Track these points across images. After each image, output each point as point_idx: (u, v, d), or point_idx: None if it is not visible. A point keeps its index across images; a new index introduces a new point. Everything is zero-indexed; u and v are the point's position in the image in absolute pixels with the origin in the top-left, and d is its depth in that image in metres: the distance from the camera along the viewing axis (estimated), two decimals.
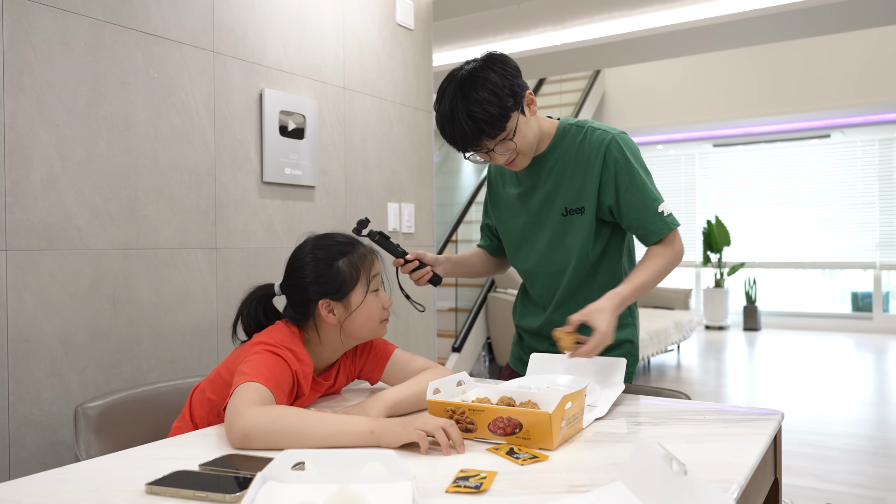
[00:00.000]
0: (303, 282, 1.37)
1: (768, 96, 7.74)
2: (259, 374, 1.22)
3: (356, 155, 2.61)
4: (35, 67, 1.64)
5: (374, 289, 1.40)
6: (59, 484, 0.96)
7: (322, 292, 1.36)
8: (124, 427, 1.48)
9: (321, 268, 1.37)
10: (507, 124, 1.44)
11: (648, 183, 1.53)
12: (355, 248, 1.41)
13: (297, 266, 1.40)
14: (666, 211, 1.52)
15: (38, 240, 1.65)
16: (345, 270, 1.37)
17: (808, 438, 3.87)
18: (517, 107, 1.45)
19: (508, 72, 1.44)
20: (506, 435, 1.12)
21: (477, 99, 1.41)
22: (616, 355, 1.59)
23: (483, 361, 5.89)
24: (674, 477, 0.76)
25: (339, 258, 1.38)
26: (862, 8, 4.33)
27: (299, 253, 1.42)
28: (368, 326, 1.40)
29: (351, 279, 1.37)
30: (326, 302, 1.36)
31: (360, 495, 0.82)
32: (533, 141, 1.53)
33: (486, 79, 1.42)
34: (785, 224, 8.96)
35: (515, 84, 1.45)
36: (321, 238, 1.43)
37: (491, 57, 1.46)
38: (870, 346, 7.43)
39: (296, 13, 2.35)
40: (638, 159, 1.55)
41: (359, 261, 1.39)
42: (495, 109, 1.41)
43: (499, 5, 4.40)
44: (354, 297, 1.37)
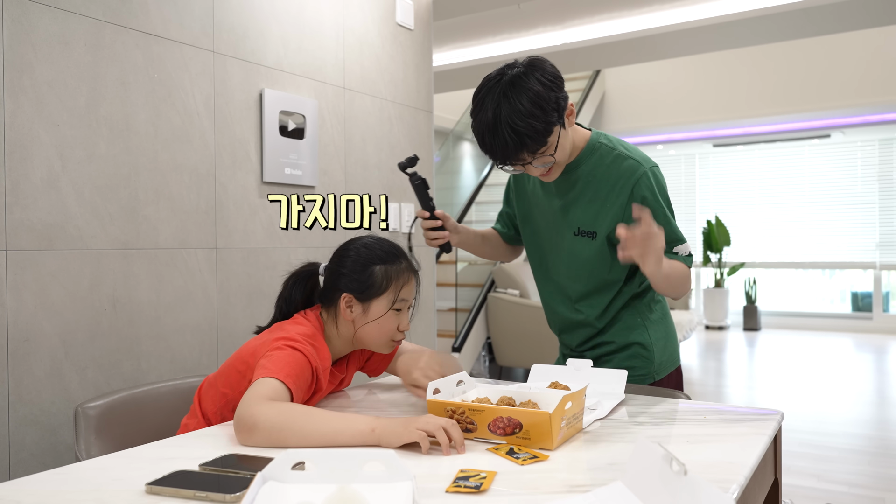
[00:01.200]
0: (339, 269, 1.41)
1: (768, 96, 7.74)
2: (279, 369, 1.23)
3: (356, 155, 2.61)
4: (35, 67, 1.64)
5: (398, 307, 1.41)
6: (59, 484, 0.96)
7: (349, 286, 1.39)
8: (124, 427, 1.48)
9: (360, 264, 1.39)
10: (549, 139, 1.38)
11: (672, 223, 1.50)
12: (398, 261, 1.42)
13: (342, 253, 1.44)
14: (683, 252, 1.50)
15: (38, 240, 1.65)
16: (378, 276, 1.39)
17: (808, 438, 3.87)
18: (560, 120, 1.39)
19: (553, 81, 1.37)
20: (506, 435, 1.12)
21: (521, 111, 1.33)
22: (624, 356, 1.59)
23: (483, 361, 5.89)
24: (674, 477, 0.76)
25: (379, 263, 1.39)
26: (862, 8, 4.33)
27: (351, 243, 1.45)
28: (378, 339, 1.41)
29: (380, 287, 1.38)
30: (349, 297, 1.38)
31: (360, 495, 0.82)
32: (569, 153, 1.49)
33: (531, 89, 1.34)
34: (785, 224, 8.96)
35: (560, 96, 1.38)
36: (376, 239, 1.45)
37: (533, 64, 1.38)
38: (870, 346, 7.43)
39: (296, 13, 2.35)
40: (665, 197, 1.51)
41: (395, 274, 1.40)
42: (540, 124, 1.34)
43: (499, 5, 4.40)
44: (376, 305, 1.39)
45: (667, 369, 1.63)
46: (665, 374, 1.63)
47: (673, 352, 1.65)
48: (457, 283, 5.92)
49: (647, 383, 1.60)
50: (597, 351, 1.64)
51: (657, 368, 1.61)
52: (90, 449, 1.40)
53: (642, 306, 1.61)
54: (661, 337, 1.62)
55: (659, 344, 1.61)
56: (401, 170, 1.58)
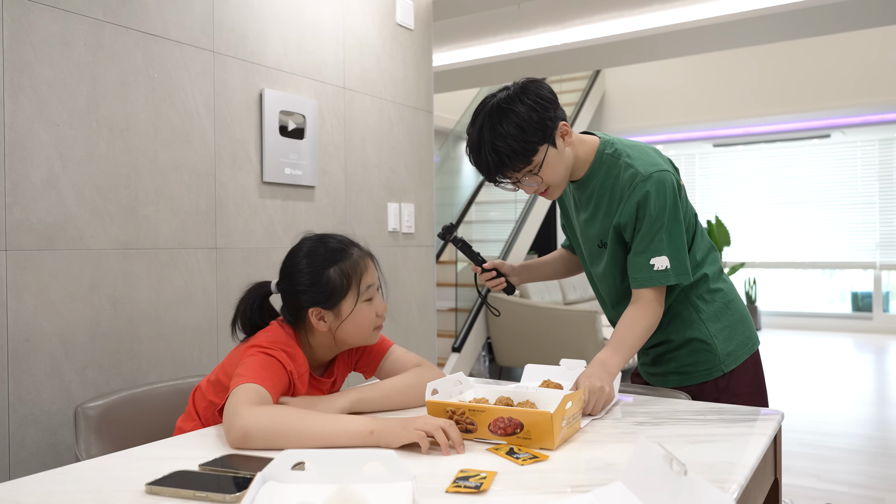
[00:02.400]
0: (295, 288, 1.36)
1: (768, 96, 7.73)
2: (255, 374, 1.22)
3: (356, 155, 2.61)
4: (35, 67, 1.64)
5: (367, 297, 1.37)
6: (59, 484, 0.96)
7: (313, 301, 1.34)
8: (124, 427, 1.48)
9: (313, 275, 1.34)
10: (533, 158, 1.43)
11: (662, 233, 1.46)
12: (348, 254, 1.37)
13: (290, 271, 1.38)
14: (659, 265, 1.46)
15: (38, 240, 1.65)
16: (335, 279, 1.34)
17: (808, 438, 3.87)
18: (546, 140, 1.43)
19: (540, 103, 1.41)
20: (506, 435, 1.12)
21: (502, 133, 1.40)
22: (686, 352, 1.59)
23: (483, 361, 5.88)
24: (674, 477, 0.76)
25: (331, 266, 1.35)
26: (862, 8, 4.32)
27: (293, 257, 1.39)
28: (359, 335, 1.38)
29: (342, 288, 1.34)
30: (317, 310, 1.34)
31: (360, 495, 0.82)
32: (564, 173, 1.50)
33: (515, 112, 1.40)
34: (785, 224, 8.96)
35: (546, 117, 1.42)
36: (316, 242, 1.40)
37: (525, 87, 1.43)
38: (870, 346, 7.43)
39: (296, 13, 2.35)
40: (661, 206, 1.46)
41: (350, 269, 1.36)
42: (519, 145, 1.40)
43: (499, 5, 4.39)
44: (345, 305, 1.35)
45: (738, 359, 1.58)
46: (737, 363, 1.58)
47: (743, 340, 1.60)
48: (457, 283, 5.92)
49: (715, 377, 1.57)
50: (658, 349, 1.64)
51: (724, 360, 1.57)
52: (90, 449, 1.40)
53: (696, 300, 1.58)
54: (724, 327, 1.58)
55: (721, 335, 1.57)
56: (442, 240, 1.69)
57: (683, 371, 1.60)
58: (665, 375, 1.64)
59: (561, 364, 1.52)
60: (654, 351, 1.65)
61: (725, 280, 1.65)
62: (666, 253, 1.46)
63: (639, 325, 1.48)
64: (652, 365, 1.68)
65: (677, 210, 1.48)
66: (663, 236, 1.46)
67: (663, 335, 1.61)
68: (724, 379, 1.57)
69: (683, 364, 1.59)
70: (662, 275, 1.46)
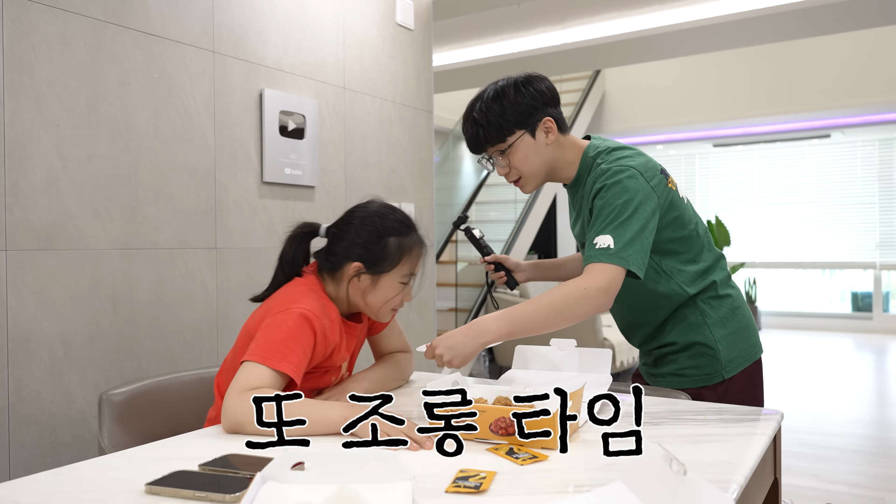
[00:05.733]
0: (351, 238, 1.38)
1: (768, 96, 7.74)
2: (270, 352, 1.23)
3: (356, 155, 2.61)
4: (35, 67, 1.64)
5: (404, 280, 1.40)
6: (58, 484, 0.96)
7: (362, 256, 1.37)
8: (148, 415, 1.47)
9: (373, 235, 1.37)
10: (507, 138, 1.48)
11: (609, 217, 1.41)
12: (411, 233, 1.41)
13: (352, 221, 1.40)
14: (601, 244, 1.39)
15: (38, 240, 1.65)
16: (392, 249, 1.37)
17: (808, 438, 3.87)
18: (524, 126, 1.48)
19: (532, 94, 1.47)
20: (507, 435, 1.12)
21: (486, 108, 1.48)
22: (688, 356, 1.57)
23: (483, 361, 5.89)
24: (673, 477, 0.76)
25: (394, 235, 1.38)
26: (861, 8, 4.32)
27: (362, 210, 1.42)
28: (381, 309, 1.41)
29: (393, 260, 1.37)
30: (359, 266, 1.37)
31: (360, 495, 0.81)
32: (538, 167, 1.52)
33: (505, 94, 1.47)
34: (785, 224, 8.96)
35: (532, 106, 1.47)
36: (387, 208, 1.42)
37: (526, 78, 1.50)
38: (870, 346, 7.43)
39: (296, 13, 2.35)
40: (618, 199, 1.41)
41: (408, 247, 1.39)
42: (496, 119, 1.47)
43: (499, 5, 4.40)
44: (386, 278, 1.38)
45: (740, 366, 1.57)
46: (738, 370, 1.56)
47: (746, 347, 1.59)
48: (457, 283, 5.92)
49: (715, 381, 1.55)
50: (661, 351, 1.63)
51: (726, 366, 1.55)
52: (113, 437, 1.39)
53: (703, 304, 1.57)
54: (729, 333, 1.57)
55: (725, 341, 1.56)
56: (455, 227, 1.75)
57: (684, 374, 1.59)
58: (665, 377, 1.63)
59: (551, 344, 1.53)
60: (657, 352, 1.65)
61: (734, 287, 1.64)
62: (610, 233, 1.39)
63: (546, 297, 1.39)
64: (653, 366, 1.68)
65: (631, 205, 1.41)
66: (611, 219, 1.41)
67: (669, 337, 1.60)
68: (724, 385, 1.56)
69: (685, 367, 1.58)
70: (602, 252, 1.38)
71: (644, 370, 1.73)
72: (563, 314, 1.37)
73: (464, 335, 1.36)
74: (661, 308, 1.59)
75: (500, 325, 1.37)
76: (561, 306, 1.37)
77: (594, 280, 1.37)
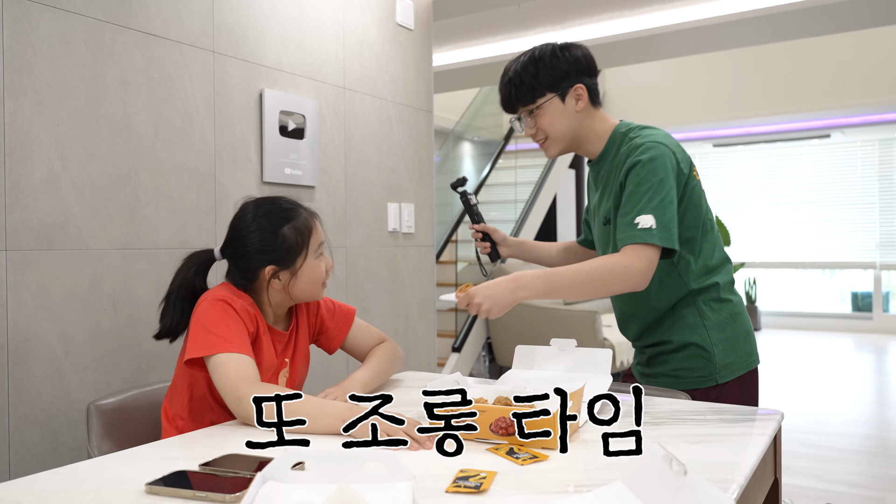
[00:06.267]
0: (248, 250, 1.39)
1: (768, 96, 7.73)
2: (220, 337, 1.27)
3: (356, 155, 2.61)
4: (35, 67, 1.64)
5: (318, 253, 1.43)
6: (58, 484, 0.96)
7: (268, 259, 1.39)
8: (136, 424, 1.49)
9: (266, 235, 1.39)
10: (537, 99, 1.53)
11: (648, 194, 1.42)
12: (298, 213, 1.43)
13: (241, 234, 1.41)
14: (643, 223, 1.40)
15: (38, 240, 1.65)
16: (290, 237, 1.39)
17: (808, 438, 3.87)
18: (555, 89, 1.52)
19: (568, 59, 1.52)
20: (508, 435, 1.12)
21: (521, 68, 1.53)
22: (682, 356, 1.56)
23: (483, 361, 5.88)
24: (674, 477, 0.76)
25: (284, 225, 1.40)
26: (861, 8, 4.32)
27: (242, 220, 1.43)
28: (311, 290, 1.44)
29: (296, 245, 1.40)
30: (272, 268, 1.39)
31: (360, 495, 0.81)
32: (566, 131, 1.56)
33: (542, 57, 1.52)
34: (785, 224, 8.96)
35: (565, 71, 1.51)
36: (263, 203, 1.44)
37: (565, 44, 1.55)
38: (870, 346, 7.43)
39: (296, 13, 2.35)
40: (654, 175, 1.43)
41: (303, 226, 1.41)
42: (529, 80, 1.52)
43: (499, 5, 4.39)
44: (299, 262, 1.40)
45: (735, 372, 1.55)
46: (732, 376, 1.55)
47: (743, 355, 1.57)
48: (457, 283, 5.91)
49: (708, 385, 1.54)
50: (654, 349, 1.62)
51: (720, 371, 1.54)
52: (102, 445, 1.40)
53: (703, 306, 1.56)
54: (727, 338, 1.56)
55: (722, 346, 1.55)
56: (453, 189, 1.75)
57: (677, 375, 1.58)
58: (658, 377, 1.61)
59: (551, 344, 1.53)
60: (651, 350, 1.64)
61: (736, 294, 1.63)
62: (651, 213, 1.41)
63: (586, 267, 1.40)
64: (646, 365, 1.67)
65: (668, 184, 1.44)
66: (649, 196, 1.43)
67: (664, 335, 1.59)
68: (716, 389, 1.55)
69: (678, 368, 1.57)
70: (646, 233, 1.40)
71: (637, 370, 1.72)
72: (600, 287, 1.41)
73: (503, 287, 1.39)
74: (659, 298, 1.57)
75: (539, 284, 1.40)
76: (600, 279, 1.40)
77: (635, 260, 1.40)
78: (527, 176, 7.18)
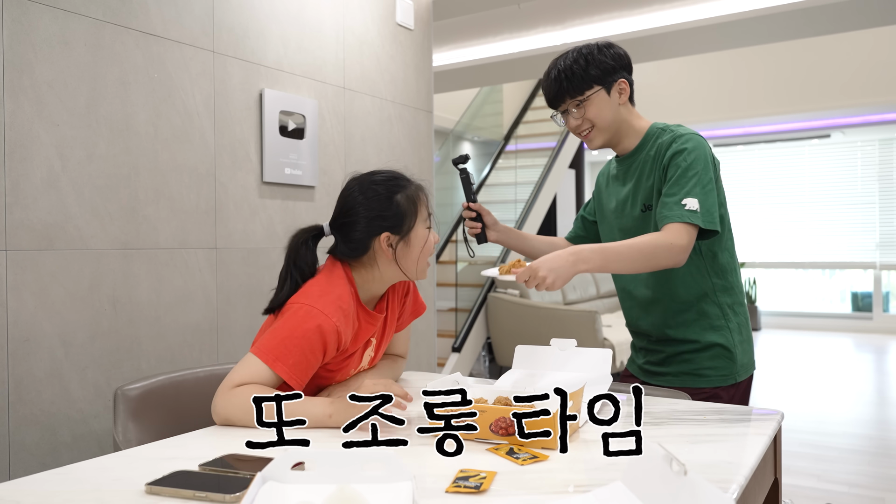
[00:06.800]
0: (364, 217, 1.38)
1: (768, 96, 7.73)
2: (272, 348, 1.26)
3: (356, 155, 2.61)
4: (35, 67, 1.64)
5: (427, 225, 1.44)
6: (58, 484, 0.96)
7: (384, 226, 1.38)
8: (162, 411, 1.47)
9: (382, 202, 1.38)
10: (585, 91, 1.60)
11: (693, 179, 1.50)
12: (409, 183, 1.43)
13: (353, 204, 1.40)
14: (690, 205, 1.48)
15: (38, 240, 1.65)
16: (404, 204, 1.39)
17: (808, 438, 3.87)
18: (602, 83, 1.60)
19: (612, 56, 1.61)
20: (508, 435, 1.12)
21: (571, 62, 1.61)
22: (707, 356, 1.62)
23: (483, 361, 5.88)
24: (674, 477, 0.77)
25: (398, 192, 1.40)
26: (861, 8, 4.32)
27: (353, 190, 1.42)
28: (419, 263, 1.42)
29: (410, 213, 1.40)
30: (387, 235, 1.38)
31: (360, 495, 0.82)
32: (611, 122, 1.63)
33: (588, 54, 1.61)
34: (785, 224, 8.96)
35: (610, 66, 1.60)
36: (373, 174, 1.43)
37: (608, 42, 1.64)
38: (870, 346, 7.43)
39: (296, 13, 2.35)
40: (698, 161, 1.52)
41: (415, 194, 1.42)
42: (580, 72, 1.59)
43: (499, 5, 4.39)
44: (414, 232, 1.40)
45: (748, 371, 1.66)
46: (746, 376, 1.65)
47: (751, 355, 1.68)
48: (457, 283, 5.91)
49: (729, 383, 1.62)
50: (676, 347, 1.65)
51: (739, 370, 1.63)
52: (127, 432, 1.39)
53: (727, 308, 1.63)
54: (743, 340, 1.65)
55: (740, 347, 1.64)
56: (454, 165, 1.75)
57: (701, 373, 1.63)
58: (678, 375, 1.65)
59: (551, 344, 1.53)
60: (671, 349, 1.66)
61: (744, 304, 1.71)
62: (697, 196, 1.50)
63: (637, 243, 1.47)
64: (661, 364, 1.69)
65: (709, 173, 1.53)
66: (695, 181, 1.51)
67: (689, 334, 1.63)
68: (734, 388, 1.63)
69: (703, 367, 1.63)
70: (692, 214, 1.48)
71: (645, 367, 1.73)
72: (650, 260, 1.47)
73: (564, 260, 1.43)
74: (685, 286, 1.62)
75: (596, 257, 1.46)
76: (650, 254, 1.47)
77: (678, 237, 1.47)
78: (527, 176, 7.18)
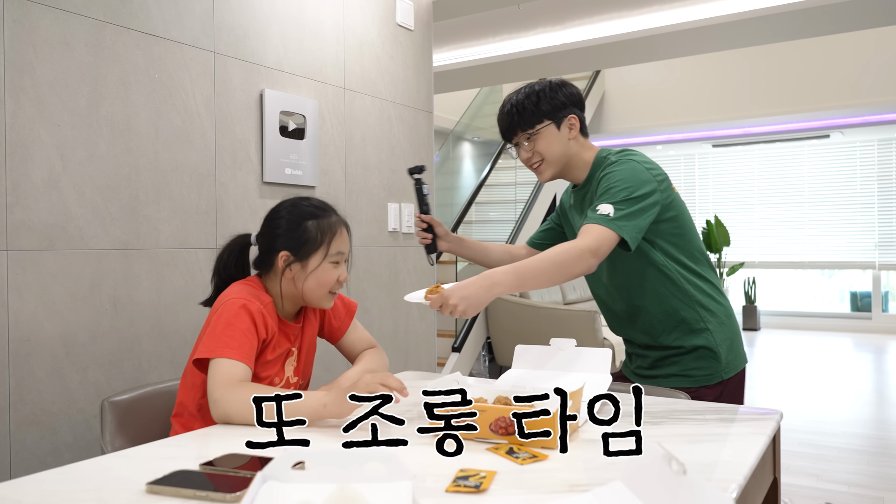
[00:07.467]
0: (273, 233, 1.46)
1: (767, 96, 7.73)
2: (225, 343, 1.31)
3: (356, 155, 2.61)
4: (36, 68, 1.64)
5: (334, 260, 1.46)
6: (58, 484, 0.96)
7: (285, 245, 1.44)
8: (149, 421, 1.50)
9: (293, 223, 1.45)
10: (535, 125, 1.64)
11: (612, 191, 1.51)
12: (328, 215, 1.48)
13: (272, 217, 1.49)
14: (602, 210, 1.49)
15: (39, 240, 1.65)
16: (311, 231, 1.44)
17: (808, 438, 3.87)
18: (552, 118, 1.64)
19: (565, 93, 1.66)
20: (508, 435, 1.12)
21: (521, 98, 1.66)
22: (692, 358, 1.65)
23: (483, 361, 5.89)
24: (673, 476, 0.77)
25: (310, 219, 1.45)
26: (861, 8, 4.32)
27: (279, 206, 1.50)
28: (317, 292, 1.46)
29: (315, 241, 1.44)
30: (286, 255, 1.43)
31: (360, 495, 0.82)
32: (560, 155, 1.66)
33: (540, 91, 1.66)
34: (784, 224, 8.96)
35: (561, 103, 1.65)
36: (300, 198, 1.51)
37: (561, 81, 1.69)
38: (869, 346, 7.43)
39: (296, 13, 2.36)
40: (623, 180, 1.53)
41: (327, 227, 1.46)
42: (531, 107, 1.64)
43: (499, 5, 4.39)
44: (313, 259, 1.44)
45: (735, 368, 1.68)
46: (734, 372, 1.67)
47: (739, 351, 1.70)
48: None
49: (714, 382, 1.65)
50: (664, 353, 1.69)
51: (725, 368, 1.65)
52: (115, 441, 1.41)
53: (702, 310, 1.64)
54: (727, 338, 1.67)
55: (725, 345, 1.66)
56: (409, 175, 1.78)
57: (688, 374, 1.66)
58: (667, 378, 1.69)
59: (551, 344, 1.53)
60: (657, 354, 1.70)
61: (725, 297, 1.74)
62: (611, 203, 1.50)
63: (549, 254, 1.47)
64: (650, 368, 1.72)
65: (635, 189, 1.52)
66: (612, 195, 1.52)
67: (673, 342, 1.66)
68: (721, 385, 1.65)
69: (689, 368, 1.66)
70: (602, 217, 1.49)
71: (638, 371, 1.76)
72: (562, 271, 1.46)
73: (478, 286, 1.42)
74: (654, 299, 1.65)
75: (510, 278, 1.44)
76: (561, 263, 1.46)
77: (586, 241, 1.47)
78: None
